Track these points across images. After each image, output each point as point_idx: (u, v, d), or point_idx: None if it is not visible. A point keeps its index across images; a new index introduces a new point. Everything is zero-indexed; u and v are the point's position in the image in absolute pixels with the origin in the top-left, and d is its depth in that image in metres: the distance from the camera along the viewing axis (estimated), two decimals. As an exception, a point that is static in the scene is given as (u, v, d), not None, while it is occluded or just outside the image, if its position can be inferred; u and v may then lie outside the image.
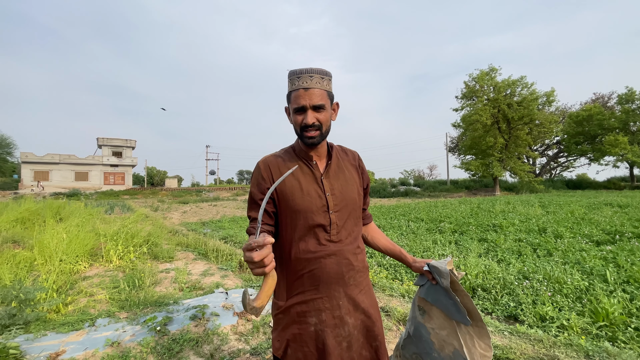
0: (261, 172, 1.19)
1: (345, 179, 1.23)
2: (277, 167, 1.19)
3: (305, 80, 1.11)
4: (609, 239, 6.01)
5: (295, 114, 1.14)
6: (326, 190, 1.18)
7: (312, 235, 1.15)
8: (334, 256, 1.16)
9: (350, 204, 1.21)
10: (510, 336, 2.51)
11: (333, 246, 1.16)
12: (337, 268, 1.16)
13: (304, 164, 1.20)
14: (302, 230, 1.16)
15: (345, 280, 1.17)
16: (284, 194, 1.16)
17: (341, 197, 1.19)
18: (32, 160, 39.28)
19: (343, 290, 1.17)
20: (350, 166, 1.28)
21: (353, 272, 1.19)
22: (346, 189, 1.21)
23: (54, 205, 10.34)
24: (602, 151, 31.07)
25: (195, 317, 2.93)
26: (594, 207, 11.29)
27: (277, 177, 1.17)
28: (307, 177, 1.19)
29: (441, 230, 7.99)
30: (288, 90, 1.16)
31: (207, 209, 18.82)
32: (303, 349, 1.15)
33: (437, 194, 31.99)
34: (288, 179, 1.17)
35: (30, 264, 4.19)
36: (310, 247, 1.15)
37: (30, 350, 2.35)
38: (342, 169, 1.25)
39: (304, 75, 1.12)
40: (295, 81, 1.13)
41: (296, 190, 1.16)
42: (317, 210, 1.15)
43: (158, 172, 65.80)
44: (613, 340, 2.67)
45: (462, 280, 4.07)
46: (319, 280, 1.15)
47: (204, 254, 5.79)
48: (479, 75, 29.06)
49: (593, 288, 3.58)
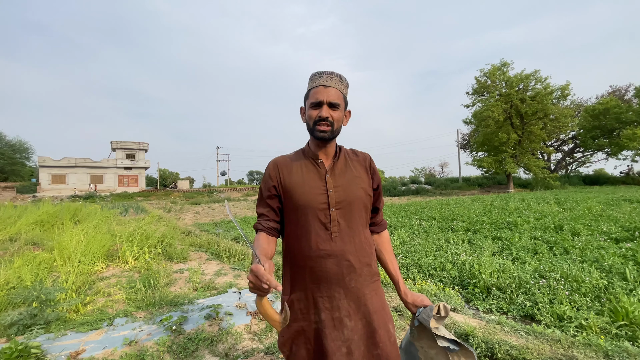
0: (270, 171, 1.26)
1: (351, 176, 1.23)
2: (284, 166, 1.24)
3: (326, 80, 1.18)
4: (628, 236, 5.83)
5: (311, 108, 1.18)
6: (329, 187, 1.19)
7: (312, 232, 1.16)
8: (334, 256, 1.15)
9: (355, 201, 1.20)
10: (527, 336, 2.47)
11: (334, 245, 1.15)
12: (336, 269, 1.14)
13: (311, 162, 1.24)
14: (303, 226, 1.18)
15: (345, 282, 1.15)
16: (288, 190, 1.21)
17: (344, 194, 1.19)
18: (49, 164, 40.42)
19: (343, 292, 1.15)
20: (359, 166, 1.28)
21: (354, 274, 1.16)
22: (351, 187, 1.21)
23: (71, 208, 10.63)
24: (620, 145, 30.13)
25: (210, 316, 2.97)
26: (612, 203, 10.97)
27: (284, 176, 1.23)
28: (311, 174, 1.21)
29: (454, 228, 7.89)
30: (308, 88, 1.23)
31: (219, 209, 19.04)
32: (307, 345, 1.16)
33: (448, 191, 31.59)
34: (294, 176, 1.22)
35: (50, 265, 4.32)
36: (311, 244, 1.16)
37: (51, 349, 2.42)
38: (349, 167, 1.25)
39: (325, 75, 1.19)
40: (316, 80, 1.20)
41: (299, 186, 1.19)
42: (318, 206, 1.17)
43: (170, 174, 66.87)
44: (633, 340, 2.59)
45: (477, 279, 4.01)
46: (320, 279, 1.15)
47: (217, 254, 5.86)
48: (490, 70, 28.52)
49: (612, 287, 3.48)
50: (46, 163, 40.31)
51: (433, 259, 5.10)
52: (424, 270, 4.70)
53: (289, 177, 1.22)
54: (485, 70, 29.01)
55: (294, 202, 1.19)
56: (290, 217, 1.22)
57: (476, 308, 3.51)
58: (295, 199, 1.19)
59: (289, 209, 1.22)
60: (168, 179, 64.87)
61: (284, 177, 1.23)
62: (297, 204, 1.18)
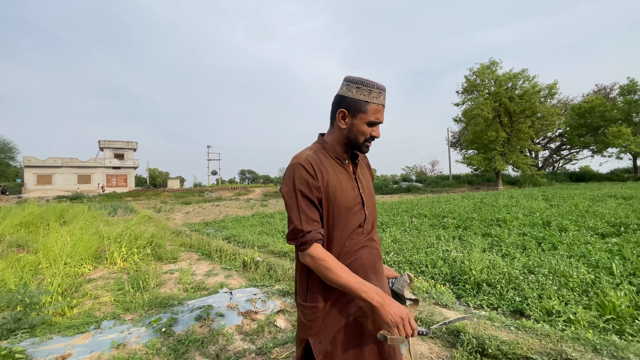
0: (308, 170, 1.15)
1: (367, 177, 1.35)
2: (320, 165, 1.19)
3: (383, 99, 1.19)
4: (614, 231, 5.97)
5: (369, 125, 1.18)
6: (360, 187, 1.27)
7: (351, 229, 1.23)
8: (367, 247, 1.26)
9: (374, 200, 1.34)
10: (517, 331, 2.49)
11: (365, 238, 1.26)
12: (370, 258, 1.27)
13: (337, 163, 1.25)
14: (343, 226, 1.21)
15: (376, 268, 1.29)
16: (328, 193, 1.18)
17: (369, 193, 1.31)
18: (34, 164, 39.47)
19: (375, 278, 1.28)
20: (365, 166, 1.38)
21: (380, 260, 1.33)
22: (370, 186, 1.34)
23: (57, 209, 10.39)
24: (605, 143, 30.80)
25: (200, 317, 2.93)
26: (597, 199, 11.21)
27: (324, 176, 1.18)
28: (343, 176, 1.24)
29: (444, 225, 7.96)
30: (362, 99, 1.16)
31: (210, 209, 18.86)
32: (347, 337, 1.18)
33: (439, 189, 31.92)
34: (332, 178, 1.20)
35: (35, 268, 4.21)
36: (350, 241, 1.23)
37: (36, 354, 2.35)
38: (363, 168, 1.36)
39: (383, 92, 1.18)
40: (374, 94, 1.16)
41: (338, 189, 1.21)
42: (356, 206, 1.24)
43: (160, 174, 65.95)
44: (620, 334, 2.65)
45: (468, 275, 4.06)
46: (357, 269, 1.21)
47: (208, 254, 5.79)
48: (479, 69, 28.88)
49: (599, 281, 3.55)
50: (31, 163, 39.35)
51: (424, 256, 5.13)
52: (416, 267, 4.73)
53: (327, 178, 1.18)
54: (474, 69, 29.39)
55: (336, 204, 1.18)
56: (329, 218, 1.19)
57: (467, 304, 3.54)
58: (336, 201, 1.18)
59: (329, 210, 1.18)
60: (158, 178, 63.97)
61: (323, 177, 1.18)
62: (339, 205, 1.19)
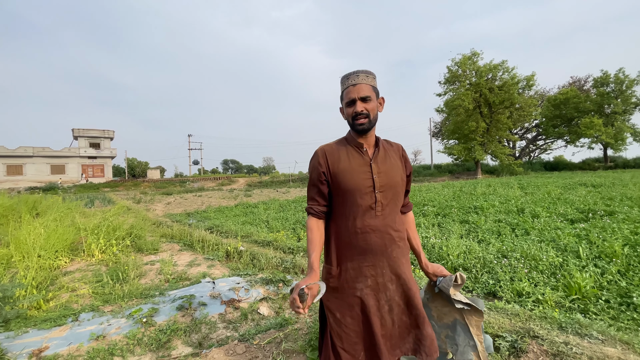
0: (319, 158, 1.40)
1: (390, 164, 1.42)
2: (332, 154, 1.40)
3: (352, 79, 1.35)
4: (583, 217, 6.29)
5: (347, 107, 1.37)
6: (374, 172, 1.37)
7: (360, 211, 1.34)
8: (378, 231, 1.35)
9: (394, 186, 1.40)
10: (489, 312, 2.62)
11: (378, 222, 1.35)
12: (380, 242, 1.35)
13: (355, 150, 1.40)
14: (352, 207, 1.35)
15: (388, 252, 1.37)
16: (337, 175, 1.36)
17: (387, 179, 1.38)
18: (3, 154, 37.44)
19: (386, 261, 1.37)
20: (394, 155, 1.47)
21: (394, 246, 1.39)
22: (391, 173, 1.40)
23: (30, 200, 9.96)
24: (578, 133, 32.07)
25: (182, 307, 2.92)
26: (569, 187, 11.74)
27: (333, 162, 1.38)
28: (357, 161, 1.38)
29: (424, 213, 8.16)
30: (341, 91, 1.40)
31: (192, 199, 18.55)
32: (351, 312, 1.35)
33: (421, 178, 32.51)
34: (342, 163, 1.37)
35: (7, 261, 4.05)
36: (358, 222, 1.34)
37: (11, 347, 2.30)
38: (388, 156, 1.44)
39: (352, 75, 1.36)
40: (345, 82, 1.37)
41: (348, 172, 1.36)
42: (365, 189, 1.34)
43: (139, 164, 64.05)
44: (585, 312, 2.83)
45: (445, 260, 4.19)
46: (366, 251, 1.35)
47: (190, 245, 5.73)
48: (461, 60, 29.24)
49: (567, 264, 3.76)
50: (0, 152, 37.37)
51: (405, 243, 5.26)
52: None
53: (337, 164, 1.37)
54: (456, 60, 29.71)
55: (343, 186, 1.35)
56: (338, 199, 1.38)
57: (444, 288, 3.67)
58: (344, 184, 1.35)
59: (338, 191, 1.37)
60: (137, 168, 62.12)
61: (332, 163, 1.38)
62: (346, 187, 1.34)
